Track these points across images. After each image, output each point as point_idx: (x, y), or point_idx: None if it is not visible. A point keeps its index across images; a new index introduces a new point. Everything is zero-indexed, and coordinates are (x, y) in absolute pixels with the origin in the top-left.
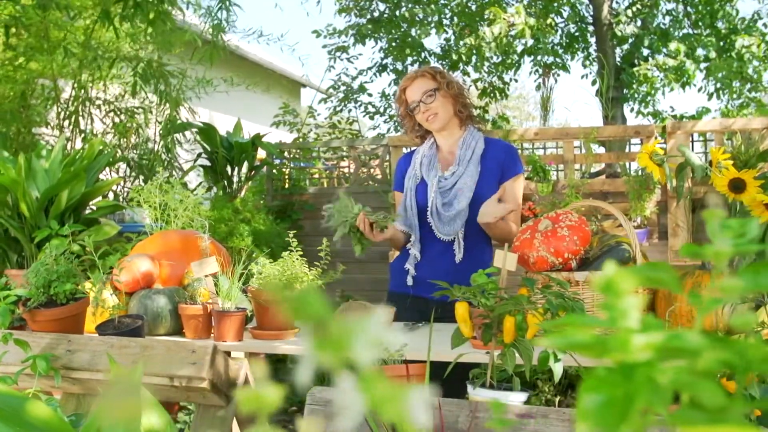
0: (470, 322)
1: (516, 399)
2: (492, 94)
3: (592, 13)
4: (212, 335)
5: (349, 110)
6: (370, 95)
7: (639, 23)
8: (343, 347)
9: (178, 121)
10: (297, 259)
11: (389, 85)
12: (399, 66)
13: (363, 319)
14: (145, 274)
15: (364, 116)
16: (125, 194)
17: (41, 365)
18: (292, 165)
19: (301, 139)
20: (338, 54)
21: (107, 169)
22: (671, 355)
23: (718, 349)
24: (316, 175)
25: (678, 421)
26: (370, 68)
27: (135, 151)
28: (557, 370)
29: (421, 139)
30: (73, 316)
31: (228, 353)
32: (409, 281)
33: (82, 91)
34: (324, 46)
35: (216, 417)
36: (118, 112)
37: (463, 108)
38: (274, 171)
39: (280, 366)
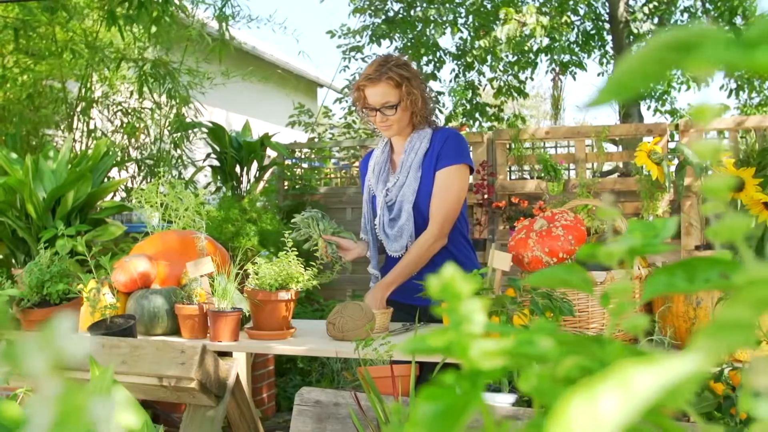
0: None
1: (503, 400)
2: (508, 93)
3: (608, 10)
4: (209, 335)
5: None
6: None
7: (656, 20)
8: (17, 357)
9: (187, 120)
10: (293, 259)
11: None
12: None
13: (45, 329)
14: (143, 275)
15: None
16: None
17: None
18: (304, 165)
19: (316, 139)
20: (353, 54)
21: (115, 169)
22: (523, 362)
23: (572, 355)
24: (331, 175)
25: (531, 429)
26: None
27: (143, 152)
28: None
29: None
30: None
31: (229, 353)
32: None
33: (90, 91)
34: (339, 46)
35: (206, 417)
36: (126, 113)
37: (420, 116)
38: (286, 171)
39: (290, 366)
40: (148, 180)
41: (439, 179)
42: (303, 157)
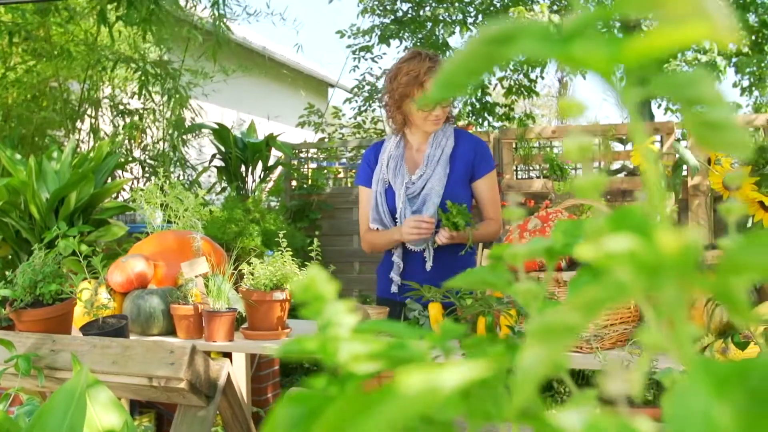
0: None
1: None
2: (519, 92)
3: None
4: (204, 335)
5: (374, 110)
6: None
7: None
8: None
9: (188, 122)
10: (288, 259)
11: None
12: None
13: None
14: (139, 275)
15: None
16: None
17: (22, 365)
18: (311, 165)
19: (326, 139)
20: (362, 54)
21: (120, 170)
22: (395, 365)
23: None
24: (340, 175)
25: None
26: None
27: (145, 152)
28: None
29: (398, 127)
30: (59, 316)
31: (229, 354)
32: (394, 289)
33: (91, 92)
34: (349, 46)
35: (196, 417)
36: (129, 114)
37: (452, 110)
38: (293, 171)
39: (296, 365)
40: (151, 180)
41: (482, 187)
42: (310, 156)
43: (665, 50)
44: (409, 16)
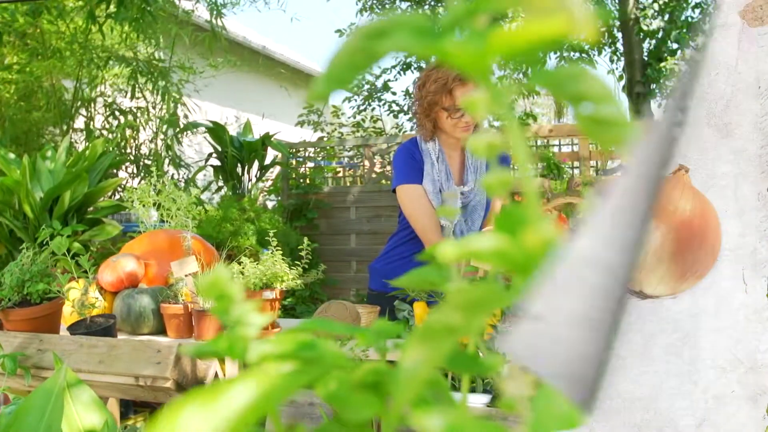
0: None
1: (477, 401)
2: (519, 91)
3: (617, 7)
4: (194, 335)
5: (373, 109)
6: (393, 94)
7: (666, 17)
8: None
9: (181, 118)
10: (278, 258)
11: (413, 83)
12: (423, 64)
13: None
14: (130, 274)
15: (387, 115)
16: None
17: (9, 365)
18: (309, 164)
19: (325, 138)
20: None
21: (114, 169)
22: (306, 366)
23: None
24: (339, 174)
25: None
26: (393, 67)
27: (139, 151)
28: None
29: (427, 135)
30: (47, 315)
31: None
32: None
33: (85, 91)
34: None
35: None
36: (122, 112)
37: None
38: (290, 171)
39: None
40: (145, 179)
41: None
42: (307, 156)
43: (531, 45)
44: (408, 15)
